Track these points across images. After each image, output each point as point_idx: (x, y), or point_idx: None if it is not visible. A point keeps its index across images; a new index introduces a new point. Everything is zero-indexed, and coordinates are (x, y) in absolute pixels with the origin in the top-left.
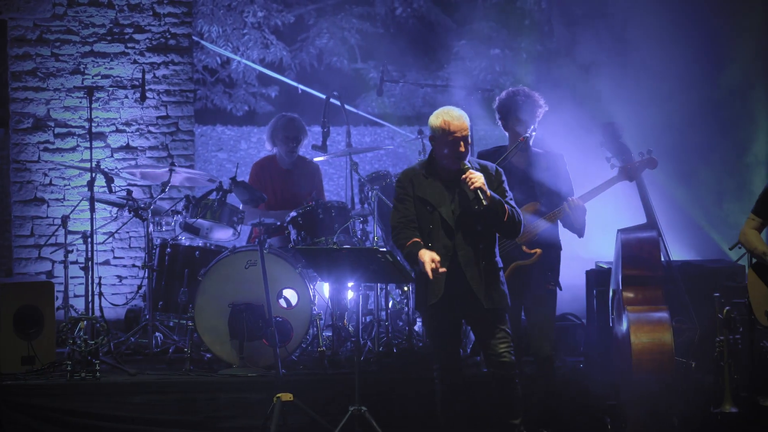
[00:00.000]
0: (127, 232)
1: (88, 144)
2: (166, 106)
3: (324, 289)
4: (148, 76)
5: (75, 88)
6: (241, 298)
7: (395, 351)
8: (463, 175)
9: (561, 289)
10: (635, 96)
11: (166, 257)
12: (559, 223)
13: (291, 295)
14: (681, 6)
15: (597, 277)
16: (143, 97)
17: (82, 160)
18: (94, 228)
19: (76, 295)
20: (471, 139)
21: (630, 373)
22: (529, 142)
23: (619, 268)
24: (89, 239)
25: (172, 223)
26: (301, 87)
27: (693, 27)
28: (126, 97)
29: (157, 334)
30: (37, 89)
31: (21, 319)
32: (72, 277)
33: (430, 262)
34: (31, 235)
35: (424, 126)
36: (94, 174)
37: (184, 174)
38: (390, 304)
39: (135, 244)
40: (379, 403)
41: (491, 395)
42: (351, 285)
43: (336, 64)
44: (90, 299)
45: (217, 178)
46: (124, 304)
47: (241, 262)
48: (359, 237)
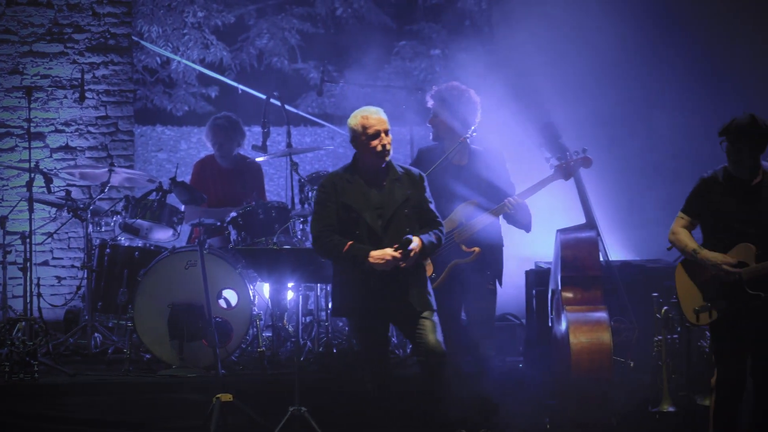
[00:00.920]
0: (66, 233)
1: (26, 144)
2: (106, 106)
3: (264, 289)
4: (88, 76)
5: (13, 88)
6: (180, 299)
7: (335, 351)
8: (399, 250)
9: (501, 285)
10: (575, 96)
11: (106, 258)
12: (501, 220)
13: (231, 295)
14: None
15: (536, 276)
16: (82, 97)
17: (21, 161)
18: (33, 228)
19: (14, 296)
20: (412, 139)
21: (569, 372)
22: (468, 140)
23: (558, 268)
24: (28, 240)
25: (112, 224)
26: (241, 87)
27: (629, 25)
28: (65, 97)
29: (96, 335)
30: None
31: None
32: (10, 277)
33: (387, 253)
34: None
35: None
36: (32, 174)
37: (124, 174)
38: (330, 304)
39: (74, 245)
40: (318, 403)
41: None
42: (291, 285)
43: (276, 65)
44: (28, 300)
45: (157, 179)
46: (63, 305)
47: (180, 262)
48: (299, 237)
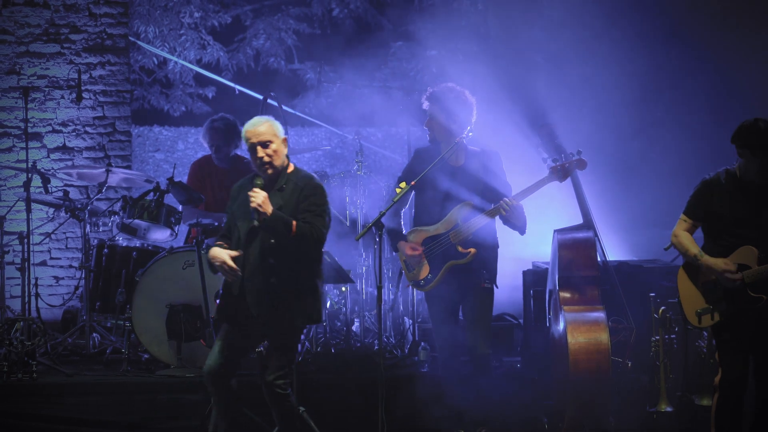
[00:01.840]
0: (64, 233)
1: (24, 144)
2: (103, 106)
3: None
4: (85, 77)
5: (10, 88)
6: (178, 299)
7: (333, 351)
8: (249, 191)
9: (497, 287)
10: (572, 97)
11: (103, 258)
12: (498, 221)
13: None
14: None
15: (534, 277)
16: (79, 98)
17: (18, 161)
18: (31, 229)
19: (12, 296)
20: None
21: (567, 372)
22: (464, 141)
23: (556, 268)
24: (26, 240)
25: (109, 224)
26: (238, 87)
27: (627, 26)
28: (62, 97)
29: (94, 334)
30: None
31: None
32: (8, 278)
33: (218, 257)
34: None
35: (362, 127)
36: (30, 174)
37: (121, 174)
38: (328, 304)
39: (72, 245)
40: (317, 403)
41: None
42: None
43: (273, 65)
44: (26, 300)
45: (155, 179)
46: (61, 305)
47: (178, 262)
48: None
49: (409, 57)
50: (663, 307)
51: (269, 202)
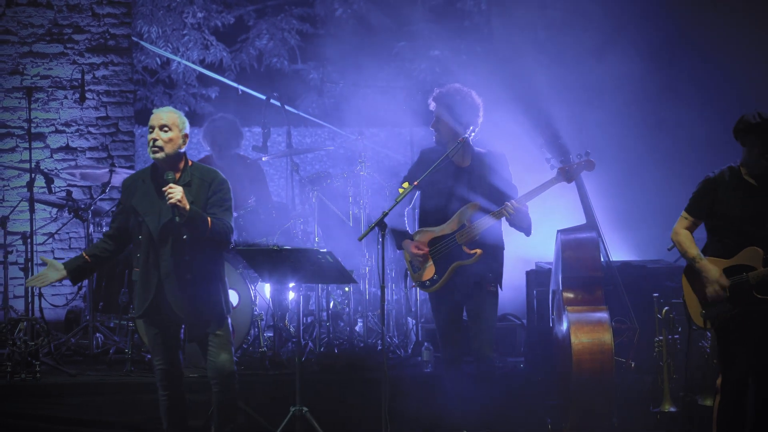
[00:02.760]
0: (68, 233)
1: (27, 145)
2: (106, 106)
3: (265, 289)
4: (88, 77)
5: (14, 88)
6: None
7: (336, 351)
8: (164, 188)
9: (502, 289)
10: (575, 97)
11: None
12: (503, 223)
13: (232, 295)
14: (620, 4)
15: (537, 277)
16: (83, 98)
17: (21, 161)
18: (34, 229)
19: (15, 296)
20: (415, 141)
21: (570, 373)
22: (469, 141)
23: (559, 268)
24: (29, 240)
25: None
26: (241, 88)
27: (631, 26)
28: (65, 97)
29: (97, 335)
30: None
31: None
32: (11, 278)
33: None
34: None
35: (365, 127)
36: (33, 175)
37: (125, 174)
38: (331, 304)
39: (75, 245)
40: (320, 403)
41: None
42: (292, 286)
43: (276, 65)
44: (30, 300)
45: None
46: (64, 305)
47: None
48: (300, 238)
49: (413, 57)
50: (666, 308)
51: (186, 198)
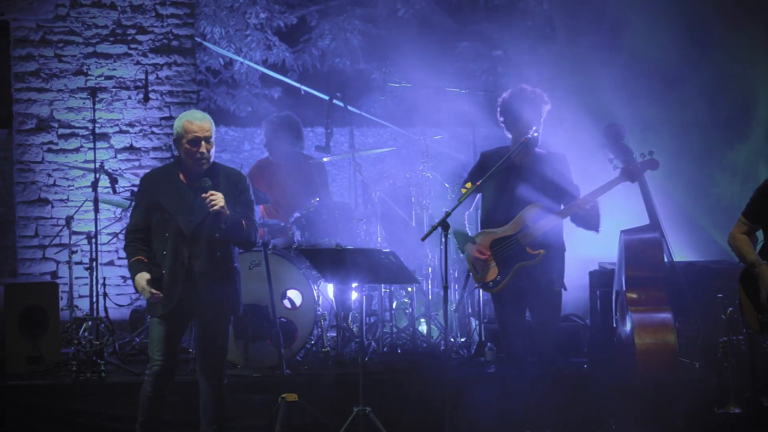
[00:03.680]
0: None
1: (91, 145)
2: (170, 107)
3: (328, 289)
4: (151, 77)
5: (78, 89)
6: (245, 299)
7: (399, 351)
8: (204, 194)
9: (566, 289)
10: (637, 96)
11: None
12: (563, 224)
13: (295, 295)
14: (683, 5)
15: (600, 278)
16: (146, 98)
17: (86, 161)
18: (99, 229)
19: (80, 296)
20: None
21: (634, 373)
22: (532, 142)
23: (623, 269)
24: (93, 240)
25: None
26: (303, 88)
27: (695, 27)
28: (129, 98)
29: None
30: (40, 90)
31: (26, 320)
32: (76, 277)
33: (145, 289)
34: (36, 235)
35: (428, 127)
36: (97, 175)
37: None
38: (394, 304)
39: None
40: (383, 403)
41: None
42: (355, 285)
43: (338, 65)
44: (94, 300)
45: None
46: (128, 305)
47: (245, 263)
48: (363, 238)
49: (475, 57)
50: (730, 308)
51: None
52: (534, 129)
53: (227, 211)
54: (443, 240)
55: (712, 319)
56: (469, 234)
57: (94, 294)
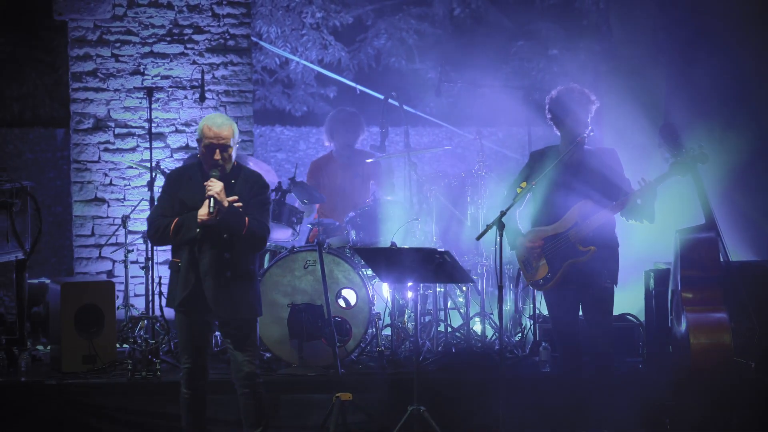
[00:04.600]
0: None
1: (147, 144)
2: (225, 106)
3: (383, 289)
4: (207, 77)
5: (135, 88)
6: (300, 298)
7: (454, 351)
8: (206, 182)
9: (617, 284)
10: (693, 95)
11: None
12: (615, 221)
13: (350, 295)
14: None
15: (656, 277)
16: (202, 98)
17: (142, 161)
18: None
19: (136, 295)
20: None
21: (689, 373)
22: (584, 140)
23: (678, 269)
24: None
25: None
26: (359, 87)
27: (752, 26)
28: (185, 97)
29: (216, 333)
30: (97, 90)
31: (82, 319)
32: (132, 276)
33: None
34: (92, 234)
35: (483, 127)
36: (154, 174)
37: None
38: (449, 304)
39: None
40: (437, 402)
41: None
42: (410, 285)
43: (394, 65)
44: (150, 299)
45: (277, 179)
46: None
47: (300, 262)
48: (418, 237)
49: (531, 56)
50: None
51: (225, 194)
52: (590, 129)
53: (223, 200)
54: (498, 239)
55: None
56: (522, 231)
57: (150, 293)
